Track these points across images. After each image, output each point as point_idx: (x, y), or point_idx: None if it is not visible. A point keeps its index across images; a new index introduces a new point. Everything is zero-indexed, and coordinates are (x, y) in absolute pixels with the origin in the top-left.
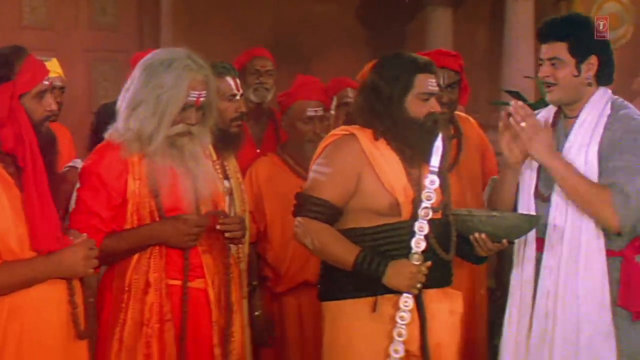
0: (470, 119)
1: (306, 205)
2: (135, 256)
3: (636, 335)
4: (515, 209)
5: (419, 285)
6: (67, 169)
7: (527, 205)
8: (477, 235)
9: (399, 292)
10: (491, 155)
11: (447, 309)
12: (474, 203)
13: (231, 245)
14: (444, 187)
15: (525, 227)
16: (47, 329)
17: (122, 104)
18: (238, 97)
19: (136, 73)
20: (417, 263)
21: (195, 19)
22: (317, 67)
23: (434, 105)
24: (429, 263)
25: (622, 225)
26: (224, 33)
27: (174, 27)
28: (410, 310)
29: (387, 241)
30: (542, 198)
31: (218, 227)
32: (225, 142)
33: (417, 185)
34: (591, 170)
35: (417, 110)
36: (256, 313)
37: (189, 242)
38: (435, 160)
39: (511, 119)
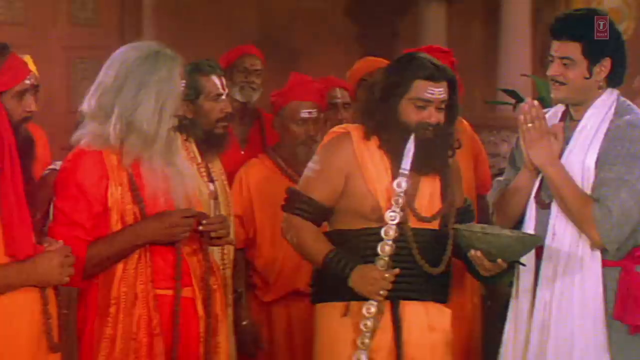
0: (463, 120)
1: (293, 202)
2: (120, 266)
3: (633, 349)
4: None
5: (382, 292)
6: (47, 171)
7: (527, 210)
8: (472, 252)
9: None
10: (484, 159)
11: (425, 325)
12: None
13: (216, 252)
14: (444, 197)
15: (518, 249)
16: (18, 339)
17: (99, 110)
18: (224, 97)
19: (115, 73)
20: (382, 269)
21: (179, 14)
22: (306, 64)
23: (429, 116)
24: (397, 270)
25: (605, 242)
26: (208, 29)
27: (156, 22)
28: (376, 319)
29: (368, 245)
30: (542, 205)
31: (201, 227)
32: (210, 143)
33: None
34: (588, 179)
35: (409, 115)
36: (243, 322)
37: (180, 234)
38: (406, 163)
39: (521, 117)
